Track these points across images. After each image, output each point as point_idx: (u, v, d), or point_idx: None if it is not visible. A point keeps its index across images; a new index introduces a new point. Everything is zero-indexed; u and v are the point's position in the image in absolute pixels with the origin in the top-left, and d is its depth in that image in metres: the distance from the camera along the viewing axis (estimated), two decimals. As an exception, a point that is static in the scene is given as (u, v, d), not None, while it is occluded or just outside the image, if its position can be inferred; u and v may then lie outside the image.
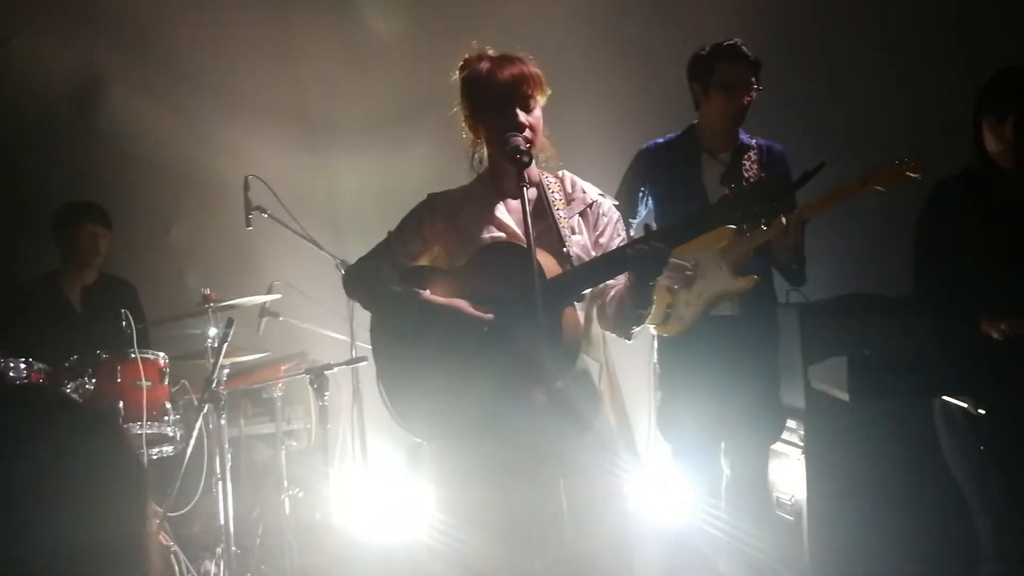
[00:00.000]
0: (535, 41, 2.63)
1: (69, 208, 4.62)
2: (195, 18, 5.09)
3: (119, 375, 4.01)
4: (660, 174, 3.71)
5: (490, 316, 2.39)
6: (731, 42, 3.61)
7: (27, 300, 4.57)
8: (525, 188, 2.31)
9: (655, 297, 2.50)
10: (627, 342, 2.60)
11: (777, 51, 3.82)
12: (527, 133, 2.44)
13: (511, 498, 2.41)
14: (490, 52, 2.55)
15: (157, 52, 5.09)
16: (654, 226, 2.40)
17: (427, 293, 2.46)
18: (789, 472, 4.00)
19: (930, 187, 3.13)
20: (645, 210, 3.77)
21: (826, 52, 5.02)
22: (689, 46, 3.75)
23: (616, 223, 2.62)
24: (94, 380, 3.98)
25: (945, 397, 2.83)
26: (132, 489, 1.22)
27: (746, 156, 3.65)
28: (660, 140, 3.78)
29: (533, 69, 2.50)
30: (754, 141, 3.71)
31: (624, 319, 2.50)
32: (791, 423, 3.95)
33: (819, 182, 2.32)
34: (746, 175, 3.60)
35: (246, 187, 4.33)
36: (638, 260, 2.30)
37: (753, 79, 3.59)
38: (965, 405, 2.73)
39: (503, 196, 2.57)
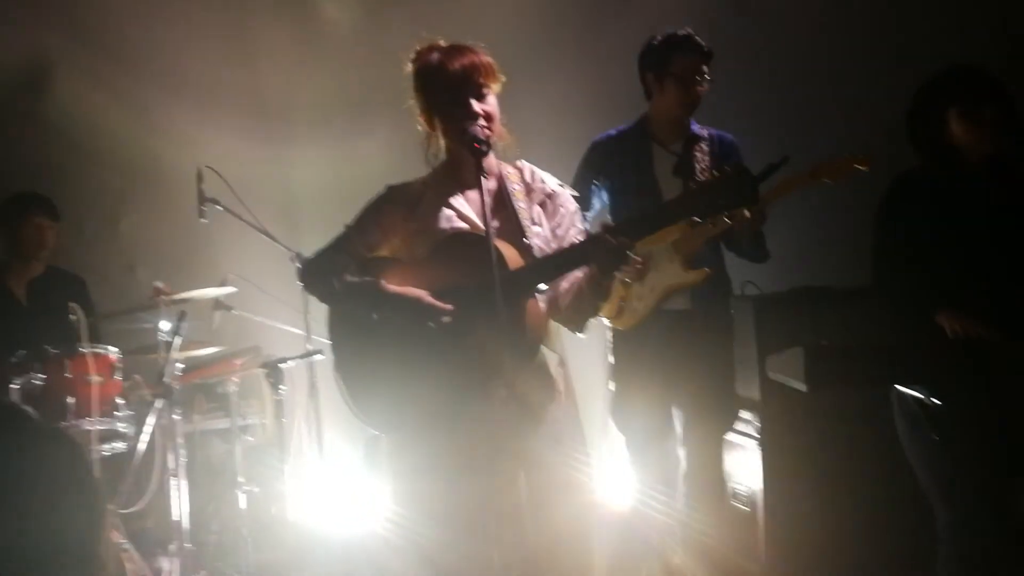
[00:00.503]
0: (489, 32, 2.62)
1: (14, 200, 4.53)
2: (147, 5, 5.01)
3: (68, 370, 3.94)
4: (612, 167, 3.71)
5: (449, 307, 2.38)
6: (685, 32, 3.64)
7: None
8: (484, 178, 2.30)
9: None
10: (580, 336, 2.60)
11: (724, 43, 3.83)
12: (482, 122, 2.43)
13: (470, 491, 2.39)
14: (440, 43, 2.54)
15: (108, 40, 5.00)
16: (609, 220, 2.40)
17: (385, 283, 2.44)
18: (745, 463, 4.03)
19: (890, 180, 3.16)
20: (600, 203, 3.77)
21: (772, 46, 5.06)
22: (640, 37, 3.75)
23: (574, 214, 2.62)
24: (42, 376, 3.90)
25: (900, 387, 2.86)
26: (87, 495, 1.24)
27: (697, 147, 3.67)
28: (612, 132, 3.78)
29: (484, 58, 2.49)
30: (705, 132, 3.73)
31: (580, 312, 2.50)
32: (747, 415, 3.98)
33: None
34: (697, 166, 3.62)
35: (199, 178, 4.26)
36: (601, 254, 2.30)
37: (706, 69, 3.61)
38: (920, 395, 2.76)
39: (462, 187, 2.56)
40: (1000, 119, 2.93)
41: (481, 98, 2.46)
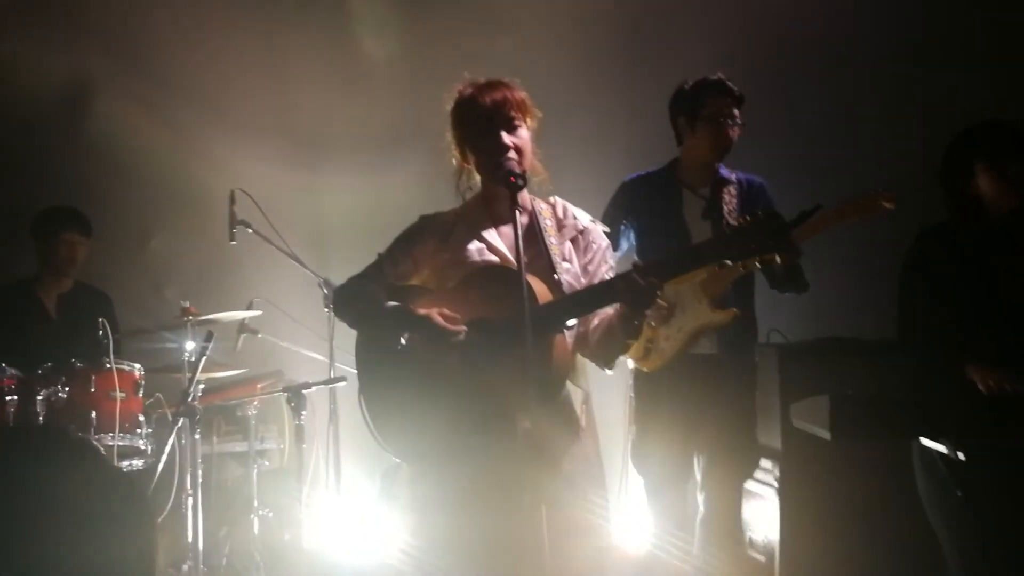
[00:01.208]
0: (524, 71, 2.64)
1: (48, 215, 4.59)
2: (187, 31, 5.09)
3: (93, 385, 3.97)
4: (641, 208, 3.73)
5: (462, 328, 2.39)
6: (716, 77, 3.66)
7: (2, 304, 4.52)
8: (519, 212, 2.31)
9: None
10: (607, 373, 2.60)
11: (757, 89, 3.87)
12: (512, 154, 2.45)
13: (488, 527, 2.38)
14: (480, 80, 2.58)
15: (148, 63, 5.09)
16: (636, 259, 2.40)
17: (410, 307, 2.45)
18: (763, 512, 4.00)
19: (914, 235, 3.16)
20: (627, 244, 3.78)
21: (804, 91, 5.10)
22: (675, 80, 3.78)
23: (605, 251, 2.63)
24: (67, 389, 3.94)
25: (924, 440, 2.84)
26: (143, 520, 1.29)
27: (726, 190, 3.67)
28: (641, 173, 3.80)
29: (517, 93, 2.52)
30: (734, 176, 3.73)
31: (610, 349, 2.50)
32: (767, 463, 3.95)
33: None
34: (725, 207, 3.62)
35: (232, 201, 4.32)
36: (630, 293, 2.31)
37: (737, 112, 3.63)
38: (944, 449, 2.74)
39: (495, 220, 2.57)
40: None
41: (512, 131, 2.48)
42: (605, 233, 2.67)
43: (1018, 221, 2.99)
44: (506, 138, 2.46)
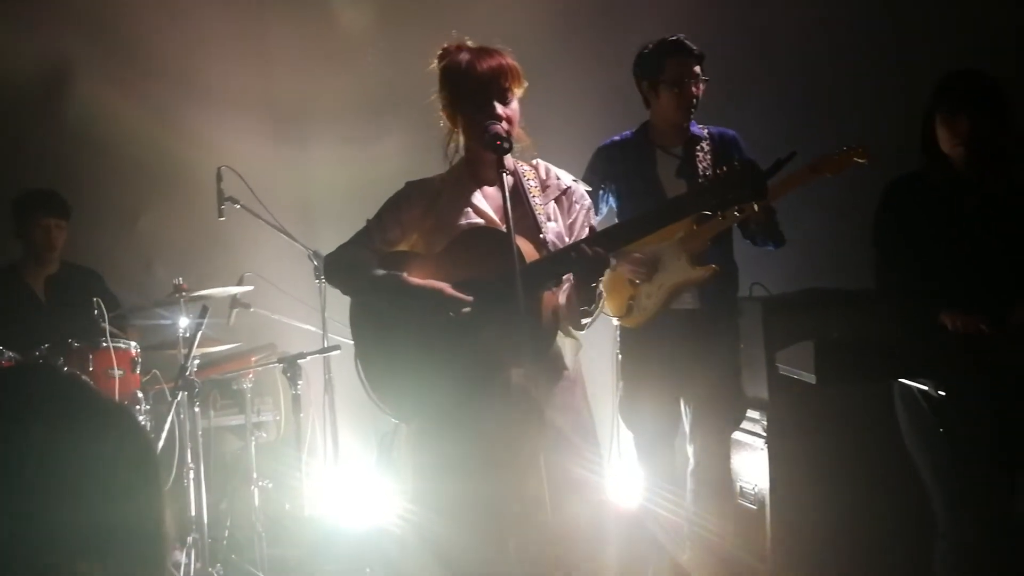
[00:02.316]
0: (500, 34, 2.67)
1: (23, 200, 4.56)
2: (166, 9, 5.08)
3: (91, 364, 4.01)
4: (617, 172, 3.77)
5: (469, 298, 2.44)
6: (674, 37, 3.69)
7: (-10, 289, 4.54)
8: (505, 174, 2.36)
9: (603, 294, 2.54)
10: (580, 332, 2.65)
11: (730, 44, 3.91)
12: (504, 124, 2.49)
13: (490, 481, 2.45)
14: (469, 43, 2.60)
15: (127, 42, 5.07)
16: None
17: (407, 276, 2.50)
18: (752, 462, 4.09)
19: (884, 185, 3.24)
20: (606, 207, 3.83)
21: (772, 47, 5.14)
22: (650, 39, 3.81)
23: (588, 210, 2.68)
24: (65, 369, 3.97)
25: (905, 380, 2.93)
26: (150, 476, 1.22)
27: (698, 147, 3.71)
28: (616, 138, 3.83)
29: (511, 61, 2.55)
30: (705, 131, 3.77)
31: (573, 314, 2.54)
32: (755, 414, 4.03)
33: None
34: (700, 165, 3.66)
35: (219, 178, 4.35)
36: (579, 263, 2.36)
37: (699, 70, 3.66)
38: (926, 387, 2.82)
39: (480, 184, 2.62)
40: (977, 126, 2.98)
41: (505, 101, 2.52)
42: (587, 192, 2.72)
43: (981, 170, 3.06)
44: (500, 108, 2.49)
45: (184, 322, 4.19)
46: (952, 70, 3.11)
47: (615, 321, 3.80)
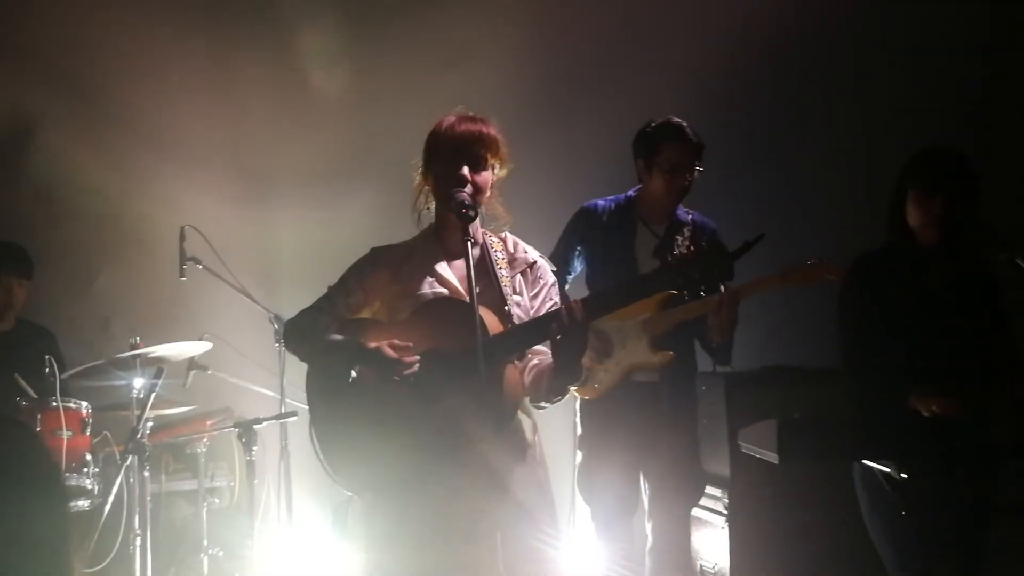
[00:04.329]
0: (472, 104, 2.66)
1: None
2: (134, 66, 5.04)
3: (39, 423, 3.91)
4: (596, 235, 3.77)
5: (415, 358, 2.40)
6: (677, 122, 3.68)
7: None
8: (470, 243, 2.34)
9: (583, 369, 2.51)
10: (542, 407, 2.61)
11: (717, 127, 3.95)
12: (469, 188, 2.47)
13: (445, 555, 2.39)
14: (463, 110, 2.60)
15: (92, 98, 5.02)
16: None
17: (364, 341, 2.46)
18: (712, 540, 4.05)
19: (851, 261, 3.25)
20: (580, 267, 3.83)
21: (771, 132, 5.23)
22: (618, 113, 3.84)
23: (551, 287, 2.66)
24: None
25: (867, 462, 2.91)
26: (53, 490, 1.21)
27: (679, 231, 3.71)
28: (600, 202, 3.83)
29: (492, 131, 2.54)
30: (690, 217, 3.77)
31: (551, 390, 2.48)
32: (715, 491, 4.00)
33: (741, 272, 2.40)
34: (677, 249, 3.66)
35: (182, 237, 4.31)
36: (559, 334, 2.32)
37: (696, 161, 3.67)
38: (888, 469, 2.81)
39: (446, 252, 2.60)
40: (951, 207, 3.01)
41: (476, 167, 2.50)
42: (558, 256, 2.70)
43: (948, 248, 3.09)
44: (466, 171, 2.48)
45: (138, 383, 4.09)
46: (925, 147, 3.13)
47: (573, 391, 3.76)
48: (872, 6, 5.25)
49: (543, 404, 2.56)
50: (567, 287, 3.80)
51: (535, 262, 2.65)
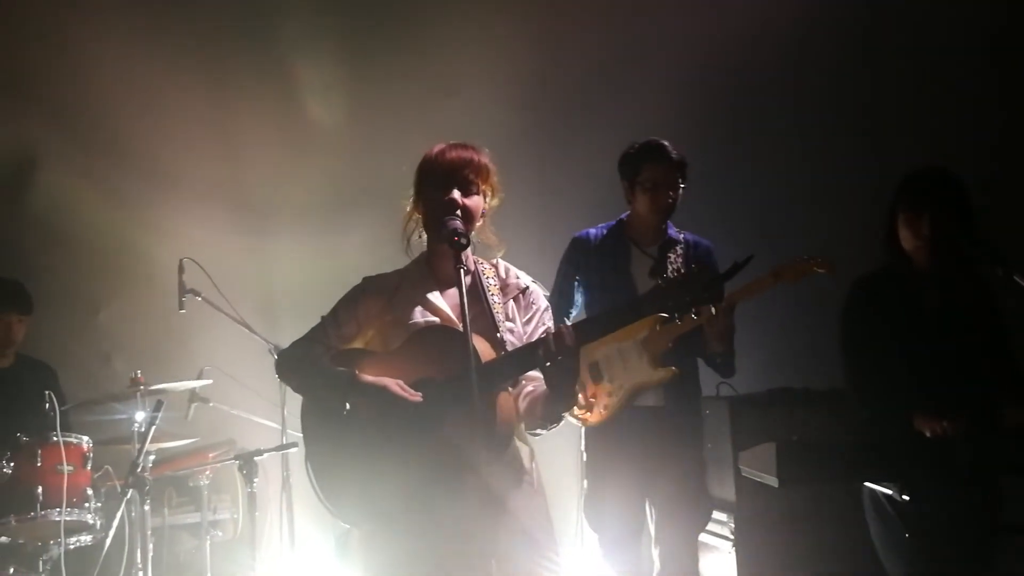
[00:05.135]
0: (468, 134, 2.66)
1: None
2: (133, 100, 5.09)
3: (40, 459, 3.90)
4: (591, 263, 3.77)
5: (418, 396, 2.39)
6: (657, 143, 3.71)
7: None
8: (463, 271, 2.33)
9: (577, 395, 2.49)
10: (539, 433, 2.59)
11: (704, 145, 3.95)
12: (458, 212, 2.46)
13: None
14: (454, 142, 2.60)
15: (93, 134, 5.08)
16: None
17: (358, 373, 2.45)
18: (720, 565, 4.00)
19: (849, 284, 3.24)
20: (582, 298, 3.82)
21: (756, 149, 5.23)
22: (614, 140, 3.85)
23: (543, 312, 2.64)
24: (12, 464, 3.86)
25: (870, 484, 2.88)
26: None
27: (673, 250, 3.73)
28: (591, 231, 3.85)
29: (482, 158, 2.54)
30: (682, 236, 3.79)
31: (545, 417, 2.46)
32: (722, 516, 3.96)
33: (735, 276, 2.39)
34: (670, 268, 3.66)
35: (181, 270, 4.31)
36: (549, 361, 2.31)
37: (678, 178, 3.69)
38: (890, 492, 2.78)
39: (438, 281, 2.59)
40: (938, 226, 3.00)
41: (466, 192, 2.50)
42: (560, 292, 2.68)
43: (942, 268, 3.07)
44: (457, 195, 2.48)
45: (139, 416, 4.09)
46: (915, 168, 3.14)
47: (576, 417, 3.74)
48: (872, 8, 5.26)
49: (538, 431, 2.54)
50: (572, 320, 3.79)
51: (527, 287, 2.64)
